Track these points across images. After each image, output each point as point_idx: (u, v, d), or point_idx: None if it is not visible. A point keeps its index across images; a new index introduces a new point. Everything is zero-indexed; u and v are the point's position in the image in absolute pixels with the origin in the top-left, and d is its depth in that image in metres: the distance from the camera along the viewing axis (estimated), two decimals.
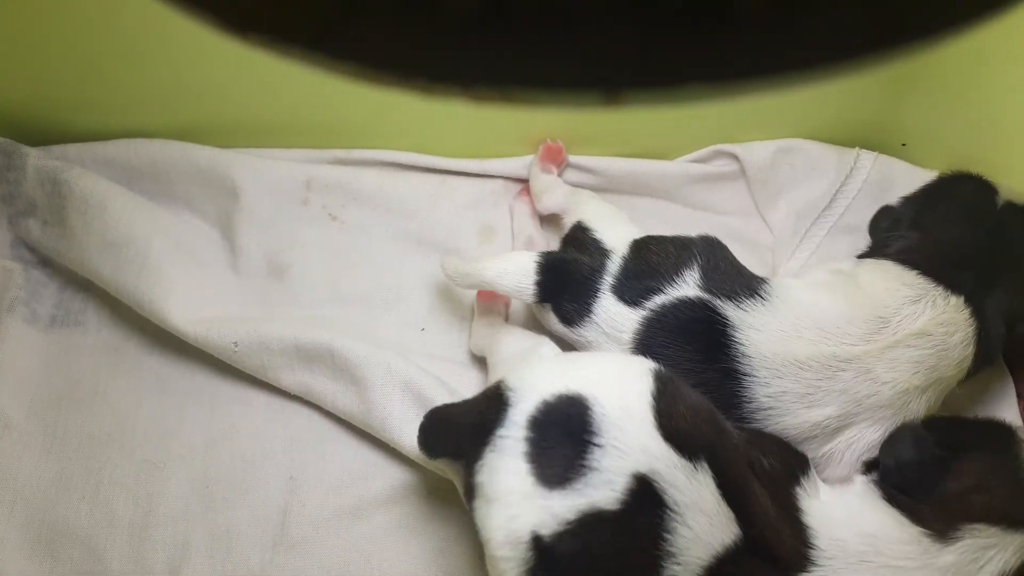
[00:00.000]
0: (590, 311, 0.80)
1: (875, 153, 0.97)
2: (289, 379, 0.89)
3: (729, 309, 0.76)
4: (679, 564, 0.66)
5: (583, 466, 0.65)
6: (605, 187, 1.00)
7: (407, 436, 0.83)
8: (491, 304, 0.91)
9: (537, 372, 0.71)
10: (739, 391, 0.74)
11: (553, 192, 0.94)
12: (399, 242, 0.98)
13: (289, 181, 0.99)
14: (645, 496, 0.65)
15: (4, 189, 0.97)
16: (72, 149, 0.99)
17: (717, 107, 0.94)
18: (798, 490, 0.73)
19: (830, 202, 0.96)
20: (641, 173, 0.99)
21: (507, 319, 0.92)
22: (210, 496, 0.86)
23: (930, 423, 0.77)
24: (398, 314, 0.94)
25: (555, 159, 0.98)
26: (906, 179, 0.96)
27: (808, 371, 0.74)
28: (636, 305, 0.78)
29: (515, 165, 1.01)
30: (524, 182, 1.01)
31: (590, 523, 0.64)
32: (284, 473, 0.87)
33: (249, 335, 0.88)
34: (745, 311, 0.76)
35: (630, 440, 0.66)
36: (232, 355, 0.89)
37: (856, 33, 0.24)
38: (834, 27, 0.24)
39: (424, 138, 1.01)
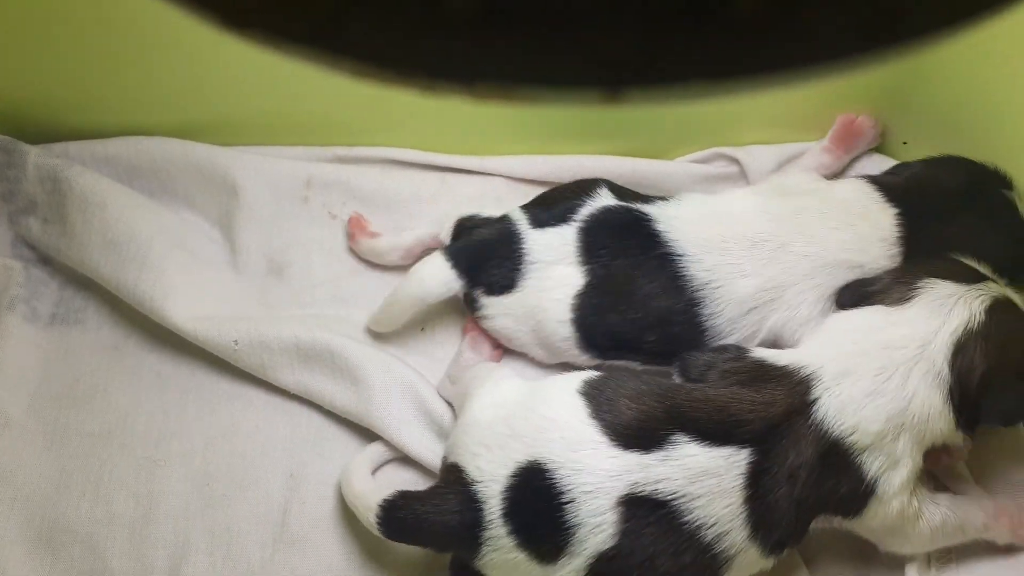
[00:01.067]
0: (522, 257, 0.85)
1: (874, 154, 0.97)
2: (288, 378, 0.89)
3: (647, 208, 0.86)
4: (717, 526, 0.68)
5: (567, 528, 0.68)
6: None
7: (405, 436, 0.84)
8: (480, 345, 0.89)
9: (489, 455, 0.72)
10: (679, 271, 0.83)
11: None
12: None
13: (289, 179, 0.99)
14: (641, 509, 0.67)
15: (4, 187, 0.97)
16: (72, 147, 0.99)
17: (717, 106, 0.94)
18: (765, 356, 0.76)
19: None
20: (642, 172, 0.99)
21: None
22: (210, 494, 0.86)
23: None
24: None
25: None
26: None
27: (731, 246, 0.83)
28: (564, 222, 0.86)
29: (517, 163, 1.00)
30: (524, 181, 1.01)
31: (603, 569, 0.67)
32: (284, 471, 0.87)
33: (249, 334, 0.88)
34: (661, 208, 0.86)
35: (593, 476, 0.68)
36: (232, 353, 0.89)
37: (855, 31, 0.24)
38: (833, 25, 0.24)
39: (425, 135, 1.01)
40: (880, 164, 0.97)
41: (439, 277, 0.85)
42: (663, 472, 0.68)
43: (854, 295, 0.80)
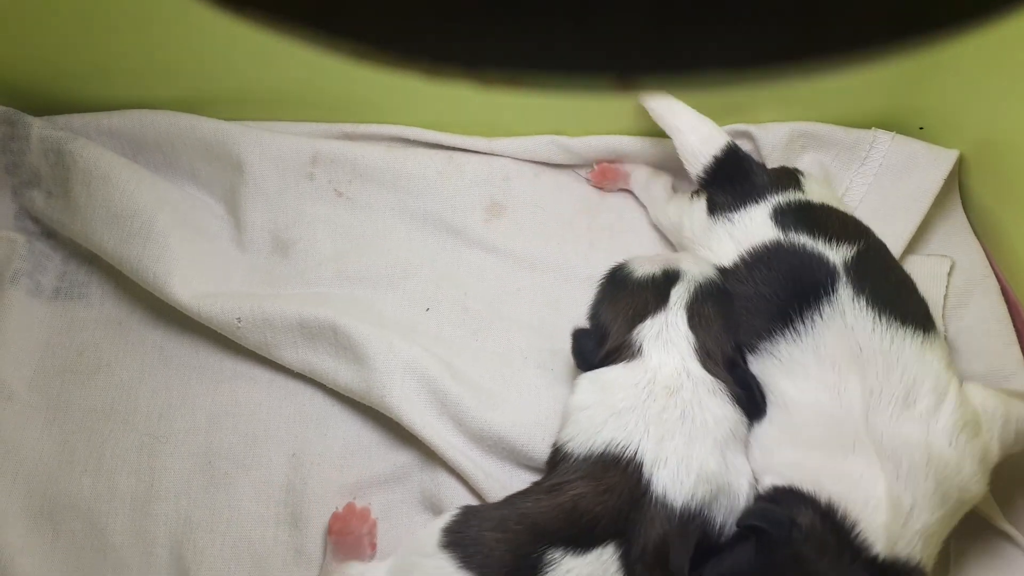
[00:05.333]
0: (736, 211, 0.80)
1: (892, 134, 0.95)
2: (292, 356, 0.88)
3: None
4: None
5: None
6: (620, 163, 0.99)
7: (407, 415, 0.83)
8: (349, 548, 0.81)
9: None
10: None
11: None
12: (405, 219, 0.97)
13: (295, 155, 0.98)
14: None
15: (8, 159, 0.96)
16: (76, 119, 0.98)
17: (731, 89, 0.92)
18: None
19: (848, 185, 0.94)
20: (651, 152, 0.97)
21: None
22: (212, 472, 0.86)
23: None
24: (403, 293, 0.93)
25: (609, 177, 0.98)
26: (927, 159, 0.94)
27: None
28: (783, 229, 0.78)
29: (522, 144, 0.99)
30: (531, 162, 0.99)
31: None
32: (286, 450, 0.87)
33: (253, 311, 0.87)
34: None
35: None
36: (235, 331, 0.88)
37: (880, 20, 0.23)
38: (857, 13, 0.23)
39: (433, 114, 1.00)
40: (899, 147, 0.95)
41: (703, 144, 0.86)
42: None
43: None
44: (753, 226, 0.80)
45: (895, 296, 0.74)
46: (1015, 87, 0.86)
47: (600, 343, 0.78)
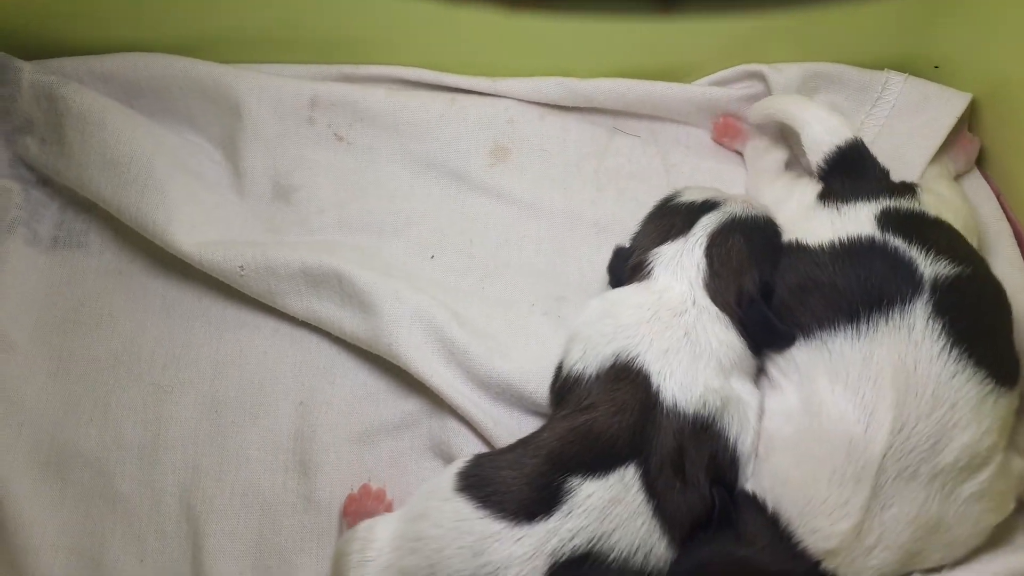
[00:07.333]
0: (845, 203, 0.78)
1: (905, 75, 0.93)
2: (296, 305, 0.87)
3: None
4: (642, 548, 0.68)
5: None
6: (623, 111, 0.97)
7: (414, 362, 0.82)
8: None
9: None
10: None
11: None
12: (408, 164, 0.95)
13: (294, 99, 0.96)
14: (569, 569, 0.66)
15: None
16: (68, 63, 0.95)
17: (743, 28, 0.89)
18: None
19: (859, 126, 0.92)
20: (660, 96, 0.95)
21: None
22: (219, 420, 0.86)
23: None
24: (407, 240, 0.92)
25: (730, 134, 0.96)
26: (939, 100, 0.92)
27: None
28: (881, 229, 0.74)
29: (528, 85, 0.97)
30: (536, 104, 0.97)
31: None
32: (294, 398, 0.86)
33: (256, 259, 0.86)
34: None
35: (511, 570, 0.65)
36: (238, 279, 0.87)
37: None
38: None
39: (434, 54, 0.97)
40: (912, 88, 0.93)
41: (828, 134, 0.84)
42: (573, 526, 0.66)
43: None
44: (857, 219, 0.76)
45: (980, 336, 0.69)
46: None
47: (627, 261, 0.80)
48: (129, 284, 0.92)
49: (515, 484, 0.68)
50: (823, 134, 0.83)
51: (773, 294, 0.75)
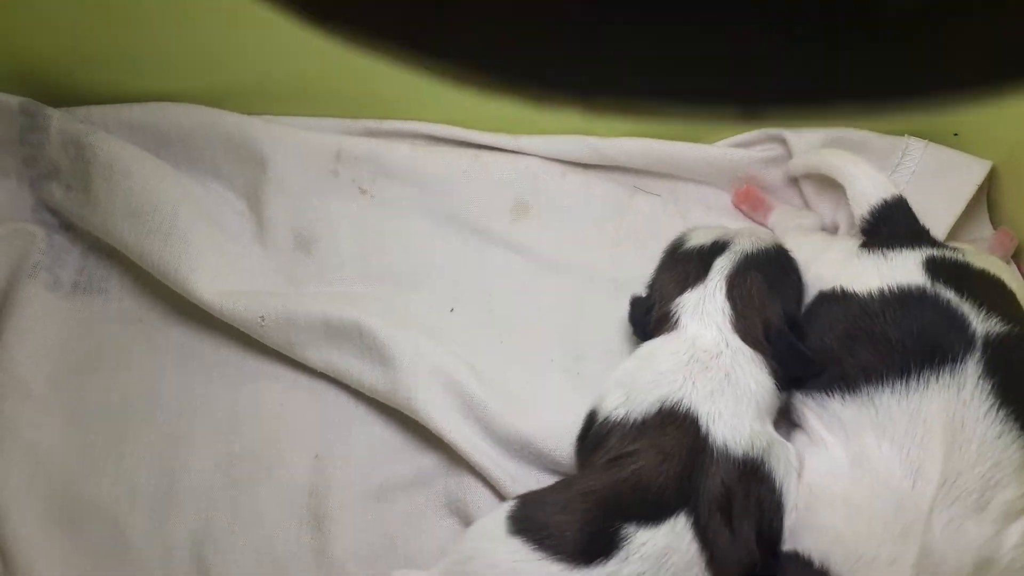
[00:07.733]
0: (891, 250, 0.78)
1: (925, 141, 0.94)
2: (315, 356, 0.87)
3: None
4: None
5: None
6: (644, 170, 0.97)
7: (432, 417, 0.82)
8: None
9: None
10: None
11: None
12: (430, 218, 0.96)
13: (318, 152, 0.96)
14: None
15: (26, 151, 0.94)
16: (96, 111, 0.96)
17: None
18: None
19: None
20: (680, 157, 0.96)
21: None
22: (234, 473, 0.85)
23: None
24: (428, 293, 0.92)
25: (750, 203, 0.96)
26: (960, 168, 0.92)
27: None
28: (931, 279, 0.74)
29: (550, 144, 0.98)
30: (558, 161, 0.98)
31: None
32: (310, 452, 0.85)
33: (276, 310, 0.86)
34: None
35: None
36: (259, 329, 0.87)
37: (1019, 48, 0.21)
38: (993, 41, 0.21)
39: (458, 111, 0.98)
40: (932, 155, 0.93)
41: (872, 189, 0.85)
42: (631, 571, 0.65)
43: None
44: (904, 266, 0.75)
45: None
46: None
47: (648, 312, 0.81)
48: (148, 332, 0.92)
49: (570, 528, 0.67)
50: (871, 188, 0.84)
51: (796, 324, 0.76)
